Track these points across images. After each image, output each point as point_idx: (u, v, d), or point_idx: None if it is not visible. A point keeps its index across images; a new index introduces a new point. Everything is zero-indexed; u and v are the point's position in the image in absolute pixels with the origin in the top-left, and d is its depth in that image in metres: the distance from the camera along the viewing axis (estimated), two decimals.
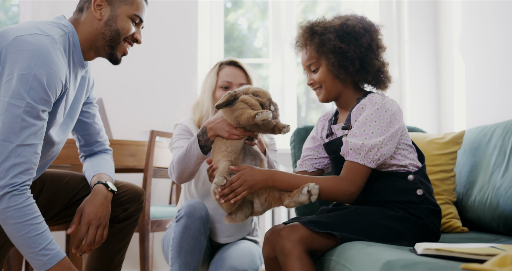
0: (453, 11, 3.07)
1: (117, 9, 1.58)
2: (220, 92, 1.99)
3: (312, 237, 1.40)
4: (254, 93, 1.56)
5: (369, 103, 1.51)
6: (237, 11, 3.94)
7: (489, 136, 2.00)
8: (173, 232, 1.78)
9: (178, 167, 1.77)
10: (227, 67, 2.03)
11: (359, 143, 1.45)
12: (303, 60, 1.65)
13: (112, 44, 1.59)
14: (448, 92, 3.14)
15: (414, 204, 1.51)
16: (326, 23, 1.60)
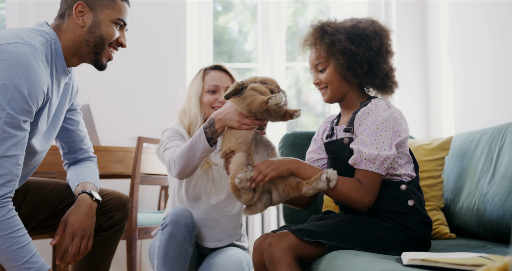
0: (441, 12, 3.08)
1: (100, 14, 1.55)
2: (208, 97, 2.00)
3: (300, 245, 1.39)
4: (262, 81, 1.58)
5: (376, 109, 1.51)
6: (228, 14, 3.93)
7: (476, 142, 2.01)
8: (159, 240, 1.77)
9: (180, 161, 1.75)
10: (212, 71, 2.05)
11: (374, 153, 1.45)
12: (310, 59, 1.66)
13: (96, 51, 1.57)
14: (436, 97, 3.14)
15: (404, 215, 1.50)
16: (338, 24, 1.60)
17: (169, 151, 1.87)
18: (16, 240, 1.36)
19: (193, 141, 1.72)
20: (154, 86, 3.36)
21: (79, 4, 1.54)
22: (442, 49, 3.06)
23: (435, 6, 3.17)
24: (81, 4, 1.54)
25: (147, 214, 2.65)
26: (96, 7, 1.55)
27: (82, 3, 1.54)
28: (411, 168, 1.56)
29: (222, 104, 1.99)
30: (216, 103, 2.00)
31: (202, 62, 3.60)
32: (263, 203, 1.54)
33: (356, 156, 1.48)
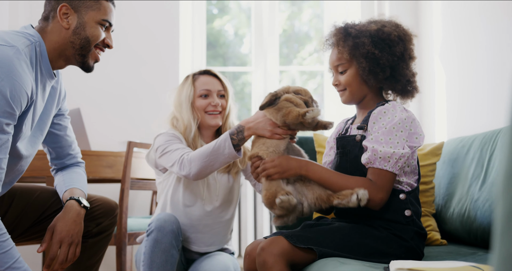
0: (433, 17, 3.08)
1: (85, 16, 1.54)
2: (200, 102, 1.99)
3: (293, 251, 1.39)
4: (295, 91, 1.59)
5: (393, 110, 1.50)
6: (223, 17, 3.92)
7: (467, 147, 2.00)
8: (144, 247, 1.75)
9: (200, 163, 1.73)
10: (201, 76, 2.04)
11: (389, 151, 1.44)
12: (331, 60, 1.64)
13: (83, 52, 1.55)
14: (429, 102, 3.14)
15: (399, 225, 1.49)
16: (362, 26, 1.58)
17: (175, 153, 1.84)
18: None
19: (216, 145, 1.71)
20: (146, 90, 3.34)
21: (63, 6, 1.52)
22: (435, 53, 3.06)
23: (427, 10, 3.17)
24: (65, 6, 1.52)
25: (137, 219, 2.62)
26: (80, 8, 1.54)
27: (66, 4, 1.53)
28: (415, 178, 1.55)
29: (215, 108, 1.99)
30: (209, 107, 1.99)
31: (195, 65, 3.59)
32: (295, 214, 1.55)
33: (371, 155, 1.46)
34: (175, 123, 2.00)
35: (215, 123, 2.00)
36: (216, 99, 2.00)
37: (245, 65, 3.84)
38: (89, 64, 1.59)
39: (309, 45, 3.89)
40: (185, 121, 1.96)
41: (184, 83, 2.05)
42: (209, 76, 2.04)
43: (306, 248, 1.39)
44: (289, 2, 3.91)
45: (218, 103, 1.99)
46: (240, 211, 3.20)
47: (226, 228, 2.01)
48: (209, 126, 2.01)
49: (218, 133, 2.05)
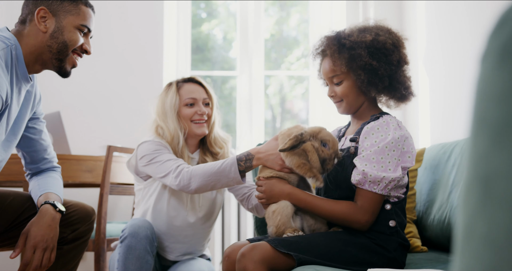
0: (417, 17, 3.09)
1: (63, 20, 1.52)
2: (186, 110, 1.93)
3: (274, 256, 1.37)
4: (323, 140, 1.49)
5: (386, 127, 1.48)
6: (211, 21, 3.91)
7: (448, 154, 1.99)
8: (118, 254, 1.71)
9: (201, 180, 1.70)
10: (186, 84, 1.98)
11: (379, 176, 1.42)
12: (325, 71, 1.61)
13: (60, 57, 1.53)
14: (413, 108, 3.14)
15: (383, 235, 1.48)
16: (357, 37, 1.53)
17: (168, 163, 1.79)
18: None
19: (222, 166, 1.67)
20: (128, 94, 3.31)
21: (41, 9, 1.50)
22: (419, 58, 3.06)
23: (411, 13, 3.18)
24: (43, 10, 1.50)
25: (118, 225, 2.59)
26: (59, 12, 1.52)
27: (44, 8, 1.51)
28: (403, 191, 1.54)
29: (202, 116, 1.94)
30: (195, 116, 1.94)
31: (180, 69, 3.56)
32: None
33: (361, 178, 1.45)
34: (160, 132, 1.93)
35: (201, 132, 1.94)
36: (202, 108, 1.95)
37: (233, 69, 3.83)
38: (66, 69, 1.57)
39: (297, 50, 3.89)
40: (172, 131, 1.90)
41: (167, 91, 1.98)
42: (194, 84, 1.99)
43: (288, 254, 1.37)
44: (277, 7, 3.91)
45: (205, 112, 1.95)
46: (224, 215, 3.17)
47: (204, 238, 1.99)
48: (195, 136, 1.96)
49: (202, 143, 2.01)
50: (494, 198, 0.36)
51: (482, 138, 0.37)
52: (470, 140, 0.39)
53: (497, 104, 0.35)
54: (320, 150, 1.47)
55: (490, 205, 0.37)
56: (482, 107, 0.37)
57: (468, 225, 0.40)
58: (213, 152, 1.98)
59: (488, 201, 0.37)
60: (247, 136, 3.60)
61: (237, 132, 3.62)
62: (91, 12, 1.59)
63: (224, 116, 3.77)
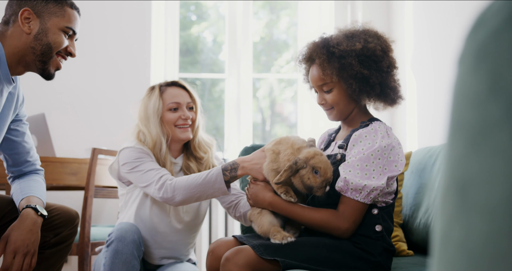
0: (405, 19, 3.10)
1: (47, 22, 1.50)
2: (170, 115, 1.89)
3: (259, 261, 1.36)
4: (314, 167, 1.43)
5: (374, 135, 1.46)
6: (201, 23, 3.90)
7: (435, 157, 2.00)
8: (104, 258, 1.69)
9: (186, 192, 1.66)
10: (169, 88, 1.94)
11: (361, 184, 1.41)
12: (314, 79, 1.58)
13: (43, 59, 1.51)
14: (400, 111, 3.15)
15: (369, 239, 1.47)
16: (347, 46, 1.49)
17: (150, 173, 1.75)
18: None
19: (207, 178, 1.64)
20: (115, 96, 3.28)
21: (26, 10, 1.48)
22: (406, 62, 3.07)
23: (399, 15, 3.19)
24: (27, 10, 1.48)
25: (103, 228, 2.56)
26: (43, 14, 1.50)
27: (28, 9, 1.48)
28: (391, 197, 1.53)
29: (186, 121, 1.90)
30: (179, 121, 1.90)
31: (168, 71, 3.54)
32: None
33: (343, 185, 1.44)
34: (142, 138, 1.88)
35: (185, 137, 1.91)
36: (186, 112, 1.91)
37: (223, 72, 3.81)
38: (49, 72, 1.55)
39: (286, 53, 3.89)
40: (154, 137, 1.85)
41: (150, 96, 1.93)
42: (177, 88, 1.95)
43: (273, 259, 1.36)
44: (267, 9, 3.90)
45: (189, 116, 1.90)
46: (211, 214, 3.14)
47: (188, 244, 1.97)
48: (179, 140, 1.92)
49: (186, 147, 1.98)
50: (470, 203, 0.35)
51: (459, 142, 0.36)
52: (447, 144, 0.38)
53: (472, 107, 0.34)
54: (306, 177, 1.43)
55: (466, 211, 0.36)
56: (458, 111, 0.36)
57: (444, 231, 0.39)
58: (197, 156, 1.94)
59: (464, 207, 0.36)
60: (235, 139, 3.59)
61: (225, 135, 3.60)
62: (77, 14, 1.57)
63: (213, 119, 3.75)
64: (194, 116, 1.94)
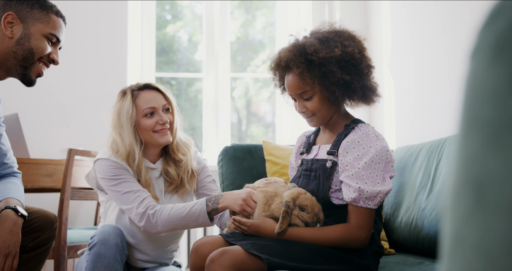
0: (382, 19, 3.11)
1: (31, 27, 1.48)
2: (146, 122, 1.79)
3: (245, 261, 1.34)
4: (301, 206, 1.45)
5: (367, 140, 1.46)
6: (176, 23, 3.85)
7: (415, 156, 2.00)
8: (86, 261, 1.64)
9: (169, 224, 1.65)
10: (142, 92, 1.82)
11: (376, 190, 1.41)
12: (292, 87, 1.53)
13: (25, 64, 1.49)
14: (378, 111, 3.16)
15: None
16: (326, 53, 1.46)
17: (130, 196, 1.70)
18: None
19: (191, 211, 1.63)
20: (90, 96, 3.21)
21: (9, 15, 1.47)
22: (384, 61, 3.09)
23: (376, 15, 3.21)
24: (11, 15, 1.47)
25: (80, 231, 2.50)
26: (28, 19, 1.49)
27: (12, 14, 1.47)
28: None
29: (164, 125, 1.81)
30: (157, 126, 1.80)
31: (145, 71, 3.49)
32: None
33: (357, 195, 1.42)
34: (115, 149, 1.79)
35: (165, 141, 1.83)
36: (163, 117, 1.81)
37: (199, 71, 3.78)
38: (30, 78, 1.53)
39: (262, 53, 3.87)
40: (127, 147, 1.76)
41: (122, 101, 1.81)
42: (151, 91, 1.83)
43: (259, 258, 1.34)
44: (243, 9, 3.88)
45: (167, 120, 1.81)
46: None
47: (170, 249, 1.92)
48: (158, 145, 1.84)
49: (165, 150, 1.90)
50: (487, 203, 0.34)
51: (474, 139, 0.34)
52: (460, 141, 0.37)
53: (491, 103, 0.33)
54: (300, 215, 1.45)
55: (483, 211, 0.34)
56: (474, 107, 0.35)
57: (458, 232, 0.37)
58: (176, 159, 1.87)
59: (480, 207, 0.34)
60: (213, 139, 3.56)
61: (203, 135, 3.57)
62: (62, 22, 1.56)
63: (190, 119, 3.71)
64: (171, 118, 1.86)
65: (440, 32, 2.45)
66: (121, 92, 1.84)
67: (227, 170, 2.17)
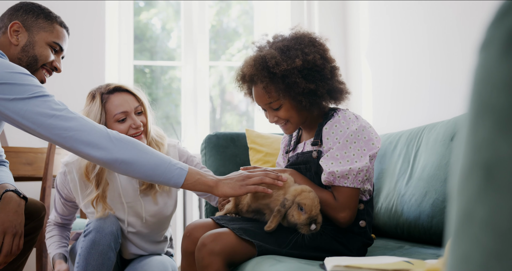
0: (360, 16, 3.15)
1: (36, 35, 1.56)
2: (119, 127, 1.72)
3: (235, 246, 1.35)
4: (299, 204, 1.36)
5: (344, 122, 1.47)
6: (150, 10, 3.82)
7: (394, 144, 2.06)
8: (80, 248, 1.64)
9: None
10: (112, 96, 1.75)
11: (346, 169, 1.41)
12: (260, 99, 1.54)
13: (28, 71, 1.52)
14: (356, 101, 3.22)
15: (351, 234, 1.48)
16: (287, 65, 1.45)
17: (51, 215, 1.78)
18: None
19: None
20: (68, 84, 3.18)
21: (15, 23, 1.55)
22: (362, 53, 3.14)
23: (354, 9, 3.25)
24: (17, 24, 1.55)
25: None
26: (33, 28, 1.56)
27: (18, 22, 1.55)
28: (372, 184, 1.55)
29: (137, 129, 1.74)
30: (130, 131, 1.73)
31: (123, 61, 3.46)
32: None
33: (328, 176, 1.44)
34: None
35: None
36: (136, 121, 1.74)
37: (173, 59, 3.77)
38: None
39: (237, 41, 3.88)
40: None
41: (91, 106, 1.73)
42: (122, 94, 1.76)
43: (250, 244, 1.35)
44: None
45: (140, 124, 1.74)
46: (185, 198, 3.11)
47: (158, 242, 1.90)
48: None
49: None
50: (497, 183, 0.37)
51: (485, 125, 0.37)
52: (470, 127, 0.40)
53: (502, 91, 0.36)
54: (291, 214, 1.37)
55: (492, 191, 0.37)
56: (484, 95, 0.38)
57: (466, 210, 0.40)
58: None
59: (489, 187, 0.38)
60: (192, 128, 3.56)
61: (182, 124, 3.57)
62: (65, 32, 1.65)
63: (164, 107, 3.70)
64: (144, 120, 1.78)
65: (418, 23, 2.51)
66: (90, 96, 1.76)
67: (211, 158, 2.19)
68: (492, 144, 0.37)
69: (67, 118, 1.33)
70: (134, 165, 1.36)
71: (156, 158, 1.39)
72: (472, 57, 0.37)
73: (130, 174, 1.39)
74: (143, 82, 3.74)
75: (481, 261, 0.37)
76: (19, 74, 1.34)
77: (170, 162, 1.40)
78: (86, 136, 1.33)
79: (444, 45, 2.27)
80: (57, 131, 1.31)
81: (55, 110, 1.32)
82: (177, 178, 1.38)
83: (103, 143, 1.34)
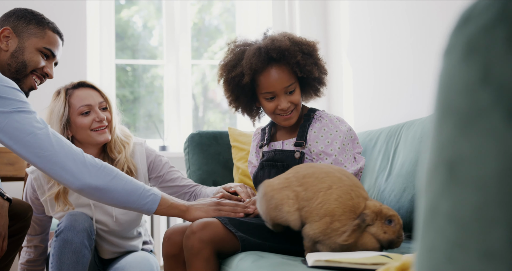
0: (341, 13, 3.19)
1: (26, 41, 1.56)
2: (82, 120, 1.74)
3: (223, 237, 1.36)
4: (387, 217, 1.24)
5: (332, 125, 1.54)
6: (131, 8, 3.81)
7: (374, 141, 2.10)
8: (53, 248, 1.64)
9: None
10: (76, 91, 1.79)
11: (357, 168, 1.51)
12: (279, 81, 1.52)
13: (17, 76, 1.57)
14: (337, 99, 3.26)
15: None
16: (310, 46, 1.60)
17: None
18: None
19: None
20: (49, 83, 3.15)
21: (6, 29, 1.55)
22: (342, 50, 3.18)
23: (336, 7, 3.29)
24: (7, 29, 1.55)
25: None
26: (23, 34, 1.57)
27: (9, 28, 1.55)
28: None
29: (101, 123, 1.77)
30: (94, 124, 1.76)
31: (104, 59, 3.45)
32: None
33: None
34: None
35: (104, 139, 1.78)
36: (100, 114, 1.77)
37: (155, 58, 3.77)
38: (22, 90, 1.56)
39: (220, 39, 3.89)
40: None
41: (55, 101, 1.77)
42: (86, 89, 1.80)
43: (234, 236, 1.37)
44: None
45: (103, 118, 1.77)
46: None
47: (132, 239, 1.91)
48: (97, 144, 1.80)
49: (104, 150, 1.85)
50: (459, 179, 0.40)
51: (448, 125, 0.40)
52: (435, 127, 0.43)
53: (462, 94, 0.39)
54: (381, 231, 1.24)
55: (454, 186, 0.40)
56: (447, 97, 0.41)
57: (432, 204, 0.43)
58: (112, 157, 1.82)
59: (452, 182, 0.41)
60: (175, 126, 3.57)
61: (165, 123, 3.58)
62: (58, 38, 1.64)
63: (146, 106, 3.70)
64: (109, 116, 1.81)
65: (398, 22, 2.55)
66: (56, 93, 1.81)
67: (194, 156, 2.21)
68: (455, 143, 0.40)
69: (46, 138, 1.34)
70: (108, 191, 1.39)
71: (130, 184, 1.43)
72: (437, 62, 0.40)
73: (103, 200, 1.43)
74: (125, 81, 3.73)
75: (446, 250, 0.40)
76: (5, 87, 1.34)
77: (144, 188, 1.45)
78: (62, 158, 1.34)
79: (424, 44, 2.32)
80: (33, 149, 1.32)
81: (35, 127, 1.33)
82: (151, 204, 1.42)
83: (78, 167, 1.36)
